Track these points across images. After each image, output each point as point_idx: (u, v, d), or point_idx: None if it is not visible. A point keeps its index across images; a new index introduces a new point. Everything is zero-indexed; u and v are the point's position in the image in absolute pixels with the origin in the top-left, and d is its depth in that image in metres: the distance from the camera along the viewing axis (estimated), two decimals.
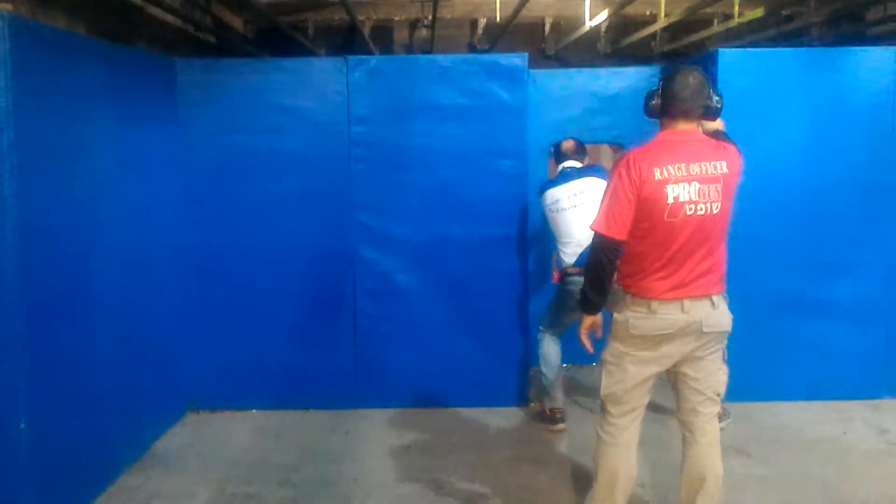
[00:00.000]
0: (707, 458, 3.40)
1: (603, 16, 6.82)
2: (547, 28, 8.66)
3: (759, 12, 6.76)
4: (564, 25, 8.67)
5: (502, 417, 5.23)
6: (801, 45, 7.37)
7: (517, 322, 5.33)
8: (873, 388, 5.31)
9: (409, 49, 8.91)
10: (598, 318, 3.47)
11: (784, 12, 7.27)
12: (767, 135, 5.04)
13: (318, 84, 5.20)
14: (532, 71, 5.47)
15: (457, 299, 5.31)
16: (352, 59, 5.19)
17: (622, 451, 3.44)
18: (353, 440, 4.95)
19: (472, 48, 8.99)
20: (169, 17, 6.51)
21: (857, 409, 5.19)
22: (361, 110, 5.19)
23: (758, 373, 5.15)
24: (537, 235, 5.57)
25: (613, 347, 3.38)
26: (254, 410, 5.39)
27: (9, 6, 3.55)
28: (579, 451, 4.66)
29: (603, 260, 3.29)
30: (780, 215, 5.14)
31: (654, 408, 3.92)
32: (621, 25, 8.75)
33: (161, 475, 4.47)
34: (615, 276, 3.37)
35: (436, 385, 5.38)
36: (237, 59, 5.70)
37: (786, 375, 5.24)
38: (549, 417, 5.02)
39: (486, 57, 5.25)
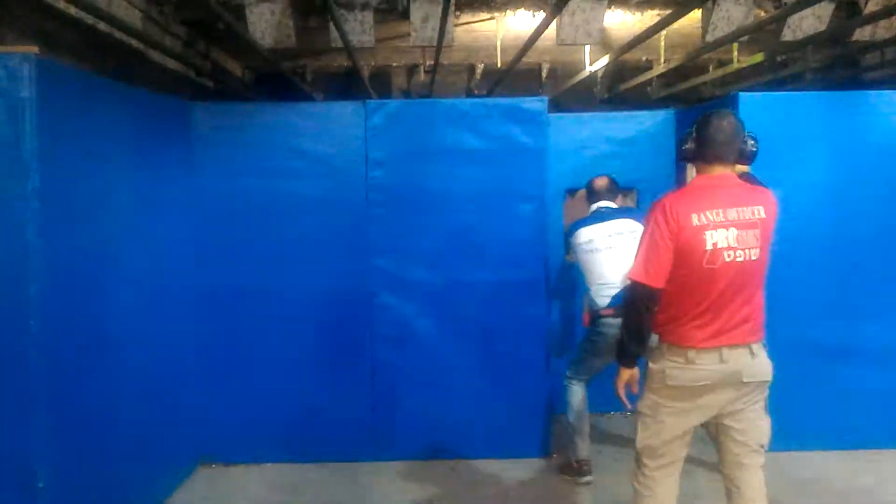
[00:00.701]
0: None
1: (604, 61, 6.85)
2: (544, 74, 8.68)
3: (758, 58, 6.84)
4: (561, 71, 8.71)
5: (526, 470, 5.07)
6: (796, 90, 7.43)
7: (540, 369, 5.21)
8: None
9: (407, 94, 8.90)
10: (636, 371, 3.38)
11: (780, 58, 7.35)
12: (789, 178, 5.00)
13: (335, 128, 5.13)
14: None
15: (477, 346, 5.18)
16: (371, 102, 5.13)
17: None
18: (372, 495, 4.77)
19: (469, 93, 9.00)
20: (170, 63, 6.44)
21: (887, 459, 5.08)
22: (379, 154, 5.11)
23: (784, 421, 5.01)
24: (559, 280, 5.49)
25: (649, 398, 3.29)
26: (268, 464, 5.19)
27: (35, 48, 3.43)
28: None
29: (641, 309, 3.21)
30: (803, 260, 5.08)
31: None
32: (617, 71, 8.83)
33: None
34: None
35: (456, 436, 5.22)
36: (253, 103, 5.63)
37: (813, 424, 5.11)
38: (576, 470, 4.86)
39: (505, 100, 5.20)
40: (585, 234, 4.77)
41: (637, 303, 3.22)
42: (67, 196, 3.60)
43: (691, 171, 5.99)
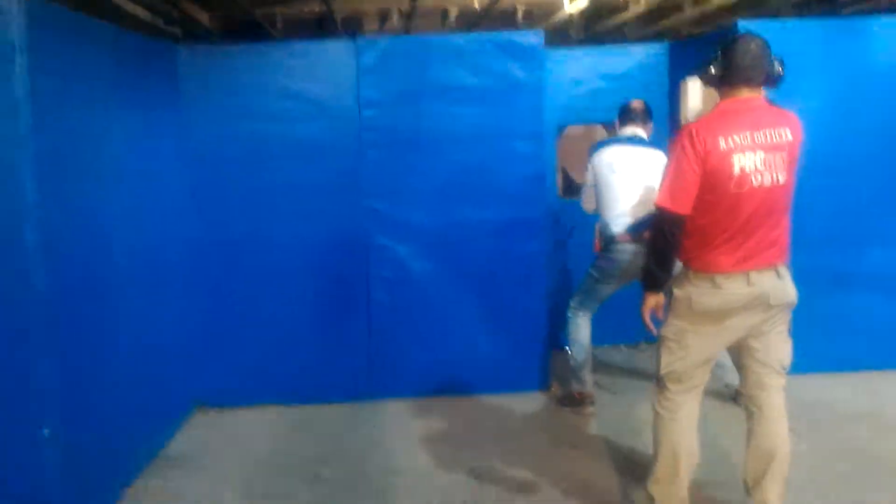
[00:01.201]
0: (776, 436, 3.34)
1: (582, 2, 6.79)
2: (520, 15, 8.58)
3: None
4: (537, 12, 8.61)
5: (527, 403, 5.12)
6: None
7: (539, 305, 5.22)
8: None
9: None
10: (661, 297, 3.37)
11: None
12: (792, 106, 5.00)
13: (327, 67, 5.02)
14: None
15: (475, 285, 5.18)
16: (362, 40, 5.03)
17: (683, 427, 3.35)
18: (378, 432, 4.79)
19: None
20: (139, 11, 6.22)
21: (889, 381, 5.20)
22: (372, 93, 5.02)
23: None
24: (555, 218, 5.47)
25: (674, 324, 3.29)
26: (265, 406, 5.16)
27: None
28: (615, 434, 4.60)
29: (668, 235, 3.19)
30: (807, 188, 5.10)
31: None
32: (594, 11, 8.74)
33: (181, 476, 4.25)
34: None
35: (455, 373, 5.25)
36: (241, 44, 5.47)
37: (816, 348, 5.08)
38: (579, 401, 4.92)
39: (500, 35, 5.12)
40: (611, 155, 4.72)
41: (663, 229, 3.21)
42: (61, 136, 3.48)
43: (685, 102, 6.04)
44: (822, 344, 5.16)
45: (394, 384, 5.23)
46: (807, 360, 5.08)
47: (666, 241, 3.21)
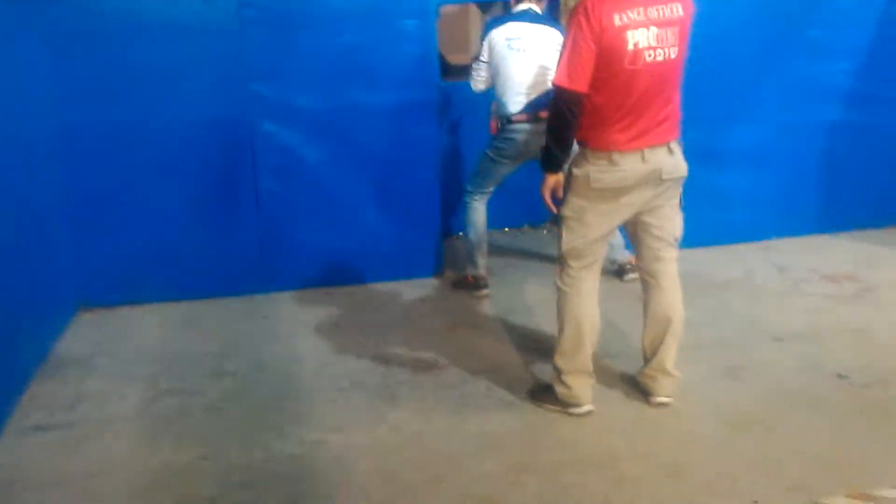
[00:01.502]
0: (673, 302, 3.50)
1: None
2: None
3: None
4: None
5: (423, 289, 5.12)
6: None
7: (431, 190, 5.16)
8: (763, 231, 5.66)
9: None
10: (561, 177, 3.41)
11: None
12: None
13: None
14: None
15: (367, 170, 5.04)
16: None
17: (585, 301, 3.45)
18: (275, 323, 4.69)
19: None
20: None
21: (751, 252, 5.52)
22: None
23: None
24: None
25: (573, 202, 3.34)
26: (153, 304, 4.95)
27: None
28: (511, 313, 4.69)
29: (566, 114, 3.19)
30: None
31: None
32: None
33: (77, 378, 4.03)
34: None
35: (349, 262, 5.17)
36: None
37: (686, 223, 5.39)
38: (473, 284, 4.96)
39: None
40: (510, 31, 4.59)
41: (562, 108, 3.20)
42: None
43: None
44: (689, 219, 5.36)
45: (286, 275, 5.10)
46: (686, 237, 5.37)
47: (564, 120, 3.21)
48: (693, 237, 5.21)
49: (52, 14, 4.47)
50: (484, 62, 4.71)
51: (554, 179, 3.40)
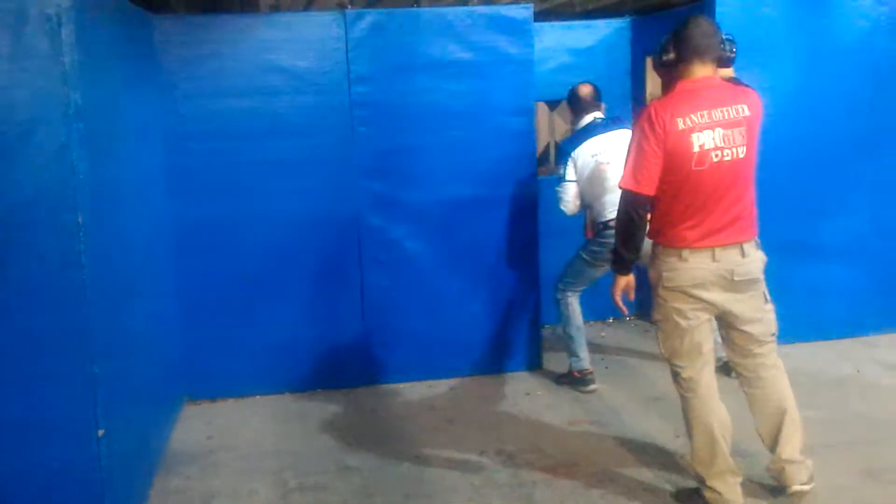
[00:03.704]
0: (780, 389, 3.45)
1: None
2: None
3: None
4: None
5: (525, 382, 5.11)
6: None
7: (532, 285, 5.21)
8: (864, 326, 5.56)
9: (276, 8, 8.32)
10: (632, 278, 3.49)
11: None
12: (758, 79, 5.04)
13: (313, 41, 4.79)
14: None
15: (469, 264, 5.11)
16: (350, 12, 4.82)
17: (707, 402, 3.41)
18: (386, 418, 4.68)
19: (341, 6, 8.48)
20: None
21: (854, 348, 5.40)
22: (362, 68, 4.83)
23: None
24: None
25: (657, 304, 3.41)
26: (256, 397, 4.97)
27: None
28: (624, 411, 4.63)
29: (634, 216, 3.31)
30: (771, 159, 5.22)
31: None
32: None
33: (200, 473, 4.03)
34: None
35: (450, 354, 5.17)
36: (220, 14, 5.17)
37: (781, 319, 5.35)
38: (580, 379, 4.94)
39: (489, 9, 5.02)
40: (592, 147, 4.71)
41: (629, 211, 3.31)
42: (96, 112, 3.21)
43: (651, 78, 6.07)
44: (788, 314, 5.32)
45: (389, 368, 5.14)
46: (784, 331, 5.31)
47: (632, 223, 3.32)
48: (792, 331, 5.21)
49: (170, 115, 4.67)
50: (571, 181, 4.78)
51: (625, 281, 3.48)
